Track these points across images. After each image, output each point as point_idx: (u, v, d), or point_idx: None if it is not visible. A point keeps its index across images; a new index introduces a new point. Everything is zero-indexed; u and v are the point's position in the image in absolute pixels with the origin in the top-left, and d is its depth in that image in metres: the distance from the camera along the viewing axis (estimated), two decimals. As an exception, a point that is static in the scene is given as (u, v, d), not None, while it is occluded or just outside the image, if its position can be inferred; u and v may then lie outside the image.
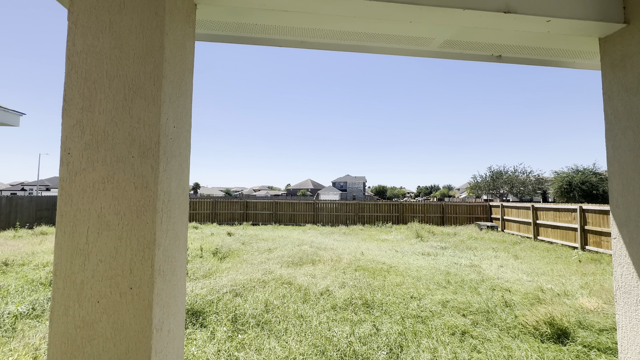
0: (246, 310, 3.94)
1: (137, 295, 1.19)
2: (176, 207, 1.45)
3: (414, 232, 13.58)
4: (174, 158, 1.44)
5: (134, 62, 1.27)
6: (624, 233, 1.89)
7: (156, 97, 1.28)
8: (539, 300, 4.89)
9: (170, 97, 1.41)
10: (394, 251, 9.61)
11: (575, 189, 25.65)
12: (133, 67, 1.27)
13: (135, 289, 1.19)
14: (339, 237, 12.72)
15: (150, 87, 1.28)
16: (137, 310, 1.18)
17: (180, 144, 1.51)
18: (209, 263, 7.60)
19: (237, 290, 4.77)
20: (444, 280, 6.16)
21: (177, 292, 1.45)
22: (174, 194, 1.42)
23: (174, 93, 1.45)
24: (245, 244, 10.61)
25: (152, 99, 1.28)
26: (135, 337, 1.18)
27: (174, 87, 1.46)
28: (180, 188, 1.53)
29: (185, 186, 1.59)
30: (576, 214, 10.75)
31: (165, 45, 1.32)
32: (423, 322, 3.87)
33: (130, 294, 1.18)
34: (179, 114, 1.50)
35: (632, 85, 1.86)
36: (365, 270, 6.92)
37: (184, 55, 1.56)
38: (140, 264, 1.20)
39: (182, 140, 1.54)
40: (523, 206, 14.15)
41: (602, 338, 3.46)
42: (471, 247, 10.50)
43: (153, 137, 1.26)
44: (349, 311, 4.17)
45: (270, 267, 6.88)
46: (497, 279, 6.44)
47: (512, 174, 27.28)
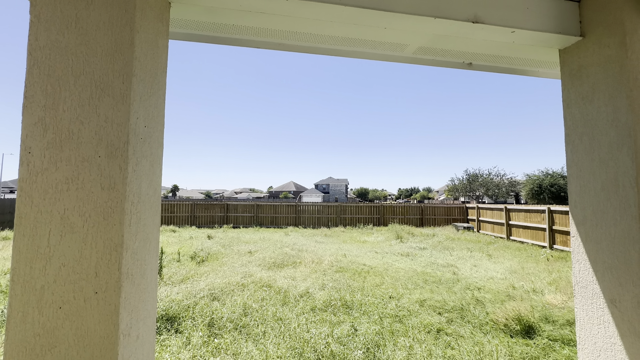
0: (223, 314, 3.87)
1: (102, 300, 1.15)
2: (147, 209, 1.42)
3: (394, 233, 13.83)
4: (145, 158, 1.41)
5: (102, 59, 1.24)
6: (581, 231, 2.02)
7: (125, 96, 1.25)
8: (509, 297, 5.12)
9: (141, 95, 1.38)
10: (374, 252, 9.74)
11: (545, 191, 27.14)
12: (101, 65, 1.24)
13: (101, 293, 1.15)
14: (320, 239, 12.74)
15: (119, 85, 1.25)
16: (102, 315, 1.14)
17: (152, 144, 1.48)
18: (187, 267, 7.39)
19: (215, 294, 4.67)
20: (421, 280, 6.32)
21: (147, 296, 1.41)
22: (144, 195, 1.39)
23: (145, 92, 1.42)
24: (225, 247, 10.41)
25: (121, 98, 1.24)
26: (101, 343, 1.14)
27: (145, 86, 1.42)
28: (152, 189, 1.49)
29: (157, 187, 1.56)
30: (545, 214, 11.34)
31: (135, 43, 1.30)
32: (400, 321, 3.95)
33: (95, 299, 1.14)
34: (151, 114, 1.47)
35: (588, 94, 2.01)
36: (346, 271, 6.97)
37: (157, 53, 1.53)
38: (107, 267, 1.16)
39: (154, 141, 1.50)
40: (497, 207, 14.76)
41: (565, 331, 3.67)
42: (448, 248, 10.82)
43: (122, 137, 1.23)
44: (328, 312, 4.19)
45: (251, 270, 6.79)
46: (471, 278, 6.68)
47: (487, 176, 28.44)
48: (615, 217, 1.82)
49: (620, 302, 1.81)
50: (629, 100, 1.79)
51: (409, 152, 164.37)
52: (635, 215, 1.73)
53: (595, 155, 1.95)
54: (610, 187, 1.86)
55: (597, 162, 1.94)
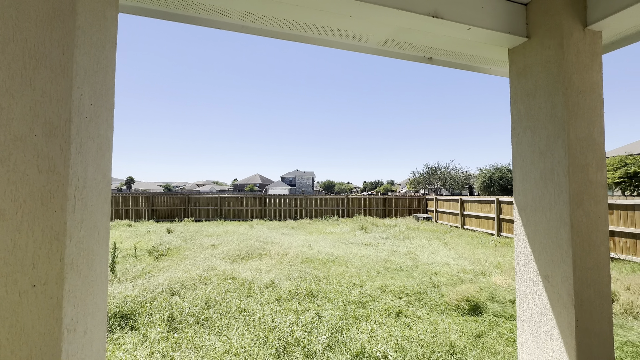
0: (184, 308, 3.72)
1: (42, 293, 1.05)
2: (94, 195, 1.31)
3: (359, 224, 14.22)
4: (91, 139, 1.29)
5: (37, 25, 1.10)
6: (522, 216, 2.23)
7: (66, 69, 1.13)
8: (461, 280, 5.54)
9: (86, 70, 1.25)
10: (339, 243, 9.95)
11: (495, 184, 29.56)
12: (36, 32, 1.10)
13: (40, 286, 1.05)
14: (286, 231, 12.72)
15: (59, 56, 1.12)
16: (42, 310, 1.05)
17: (100, 124, 1.36)
18: (144, 263, 6.98)
19: (174, 289, 4.47)
20: (383, 267, 6.59)
21: (96, 289, 1.31)
22: (90, 180, 1.28)
23: (91, 66, 1.30)
24: (186, 241, 9.98)
25: (61, 71, 1.12)
26: (41, 340, 1.05)
27: (91, 60, 1.30)
28: (100, 174, 1.38)
29: (106, 172, 1.44)
30: (494, 205, 12.37)
31: (77, 11, 1.17)
32: (363, 307, 4.11)
33: (33, 292, 1.04)
34: (98, 91, 1.35)
35: (531, 91, 2.20)
36: (311, 262, 7.05)
37: (104, 25, 1.40)
38: (47, 258, 1.06)
39: (102, 121, 1.38)
40: (452, 199, 15.78)
41: (508, 308, 4.08)
42: (409, 237, 11.39)
43: (62, 114, 1.11)
44: (294, 302, 4.22)
45: (214, 263, 6.59)
46: (429, 264, 7.11)
47: (445, 170, 30.24)
48: (551, 202, 2.04)
49: (552, 278, 2.04)
50: (564, 97, 1.99)
51: (374, 146, 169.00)
52: (566, 200, 1.94)
53: (536, 147, 2.15)
54: (548, 175, 2.06)
55: (537, 153, 2.14)
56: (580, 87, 2.03)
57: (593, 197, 2.01)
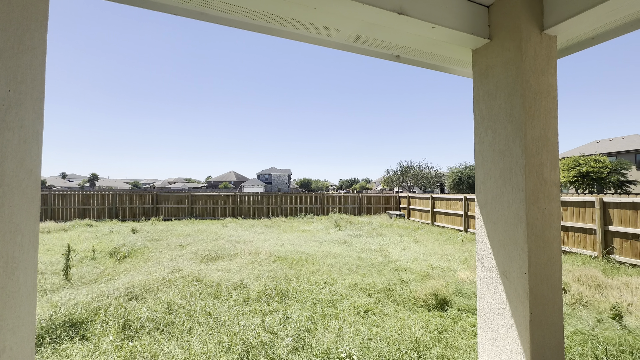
0: (142, 314, 3.49)
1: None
2: (16, 194, 1.15)
3: (333, 222, 14.28)
4: (10, 131, 1.14)
5: None
6: (483, 214, 2.29)
7: (-30, 47, 0.97)
8: (429, 276, 5.70)
9: (1, 50, 1.09)
10: (313, 241, 9.92)
11: (464, 182, 30.90)
12: None
13: None
14: (260, 230, 12.50)
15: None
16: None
17: (23, 114, 1.20)
18: (103, 265, 6.54)
19: (134, 293, 4.19)
20: (355, 265, 6.64)
21: (18, 302, 1.16)
22: (9, 177, 1.12)
23: (9, 46, 1.13)
24: (153, 241, 9.49)
25: (-37, 49, 0.96)
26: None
27: (9, 39, 1.14)
28: (25, 171, 1.21)
29: (33, 169, 1.27)
30: (462, 202, 12.89)
31: (-14, -20, 1.01)
32: (332, 306, 4.09)
33: None
34: (20, 75, 1.19)
35: (492, 92, 2.25)
36: (284, 260, 6.95)
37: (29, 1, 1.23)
38: (-57, 268, 0.90)
39: (27, 110, 1.22)
40: (424, 196, 16.28)
41: (471, 302, 4.23)
42: (381, 234, 11.59)
43: (-36, 100, 0.95)
44: (262, 302, 4.11)
45: (180, 264, 6.31)
46: (400, 260, 7.26)
47: (417, 168, 31.15)
48: (509, 200, 2.09)
49: (509, 274, 2.10)
50: (522, 98, 2.04)
51: (351, 144, 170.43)
52: (522, 198, 2.00)
53: (496, 146, 2.20)
54: (506, 174, 2.12)
55: (497, 152, 2.19)
56: (536, 89, 2.10)
57: (547, 195, 2.09)
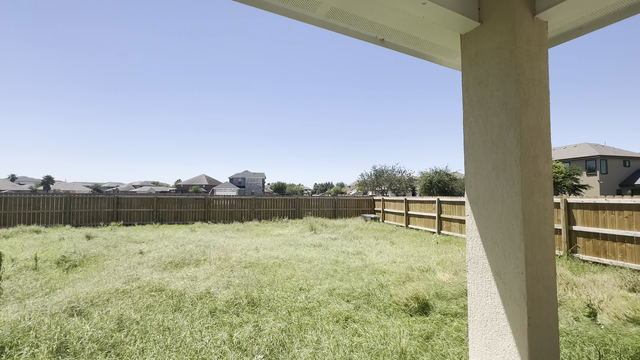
0: (85, 332, 2.97)
1: None
2: None
3: (308, 225, 13.95)
4: None
5: None
6: (474, 210, 2.10)
7: None
8: (408, 278, 5.55)
9: None
10: (287, 245, 9.53)
11: (435, 187, 31.90)
12: None
13: None
14: (231, 234, 11.89)
15: None
16: None
17: None
18: (46, 276, 5.75)
19: (78, 308, 3.61)
20: (332, 269, 6.37)
21: None
22: None
23: None
24: (109, 248, 8.63)
25: None
26: None
27: None
28: None
29: None
30: (435, 204, 13.12)
31: None
32: (309, 314, 3.77)
33: None
34: None
35: (483, 78, 2.08)
36: (256, 266, 6.53)
37: None
38: None
39: None
40: (398, 199, 16.45)
41: (453, 305, 4.10)
42: (357, 237, 11.45)
43: None
44: (230, 313, 3.70)
45: (139, 272, 5.68)
46: (377, 263, 7.10)
47: (391, 172, 31.72)
48: (503, 194, 1.91)
49: (504, 274, 1.91)
50: (516, 84, 1.88)
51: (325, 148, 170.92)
52: (518, 192, 1.83)
53: (488, 137, 2.03)
54: (500, 166, 1.94)
55: (490, 143, 2.01)
56: (530, 76, 1.95)
57: (542, 189, 1.94)
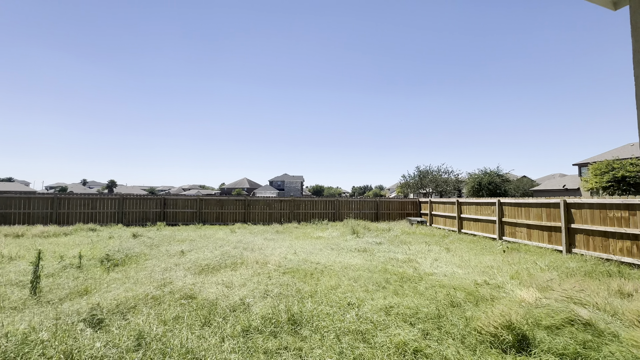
0: (97, 352, 2.49)
1: None
2: None
3: (349, 228, 13.10)
4: None
5: None
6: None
7: None
8: (481, 296, 4.47)
9: None
10: (329, 249, 8.79)
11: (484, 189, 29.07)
12: None
13: None
14: (270, 236, 11.46)
15: None
16: None
17: None
18: (89, 275, 5.63)
19: (98, 317, 3.21)
20: (382, 279, 5.47)
21: None
22: None
23: None
24: (152, 247, 8.60)
25: None
26: None
27: None
28: None
29: None
30: (495, 207, 11.49)
31: None
32: (364, 340, 2.96)
33: None
34: None
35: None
36: (296, 272, 5.86)
37: None
38: None
39: None
40: (449, 201, 14.89)
41: (559, 340, 2.99)
42: (405, 242, 10.34)
43: None
44: (267, 334, 3.02)
45: (174, 275, 5.32)
46: (435, 274, 6.04)
47: (436, 173, 29.53)
48: None
49: None
50: None
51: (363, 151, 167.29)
52: None
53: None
54: None
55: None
56: None
57: None
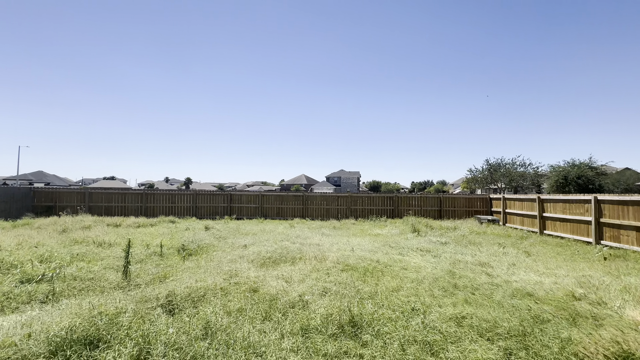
0: (170, 337, 2.68)
1: None
2: None
3: (410, 226, 12.42)
4: None
5: None
6: None
7: None
8: (577, 313, 3.73)
9: None
10: (388, 247, 8.42)
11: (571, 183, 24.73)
12: None
13: None
14: (328, 232, 11.49)
15: None
16: None
17: None
18: (168, 262, 6.30)
19: (174, 303, 3.49)
20: (450, 283, 4.98)
21: None
22: None
23: None
24: (220, 239, 9.31)
25: None
26: None
27: None
28: None
29: None
30: (590, 205, 9.68)
31: None
32: (433, 353, 2.66)
33: None
34: None
35: None
36: (354, 270, 5.70)
37: None
38: None
39: None
40: (527, 198, 13.08)
41: None
42: (474, 243, 9.37)
43: None
44: (327, 336, 2.93)
45: (239, 267, 5.61)
46: (513, 281, 5.29)
47: (510, 166, 26.26)
48: None
49: None
50: None
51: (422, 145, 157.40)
52: None
53: None
54: None
55: None
56: None
57: None
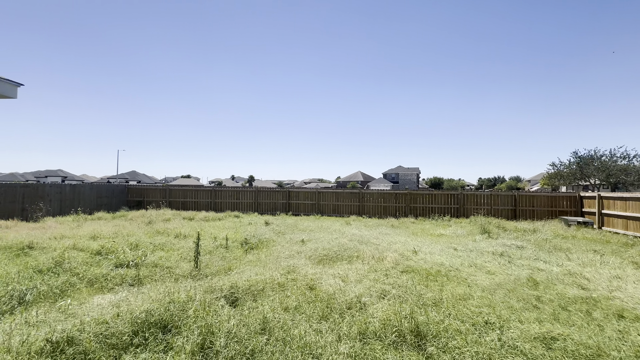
0: (230, 329, 2.77)
1: None
2: None
3: (478, 226, 11.27)
4: None
5: None
6: None
7: None
8: None
9: None
10: (452, 249, 7.73)
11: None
12: None
13: None
14: (385, 231, 11.08)
15: None
16: None
17: None
18: (232, 255, 6.73)
19: (236, 295, 3.65)
20: (532, 296, 4.30)
21: None
22: None
23: None
24: (279, 234, 9.67)
25: None
26: None
27: None
28: None
29: None
30: None
31: None
32: (515, 379, 2.28)
33: None
34: None
35: None
36: (416, 273, 5.33)
37: None
38: None
39: None
40: (634, 197, 10.78)
41: None
42: (561, 248, 8.05)
43: None
44: (387, 344, 2.73)
45: (297, 263, 5.70)
46: (617, 298, 4.35)
47: (607, 159, 22.01)
48: None
49: None
50: None
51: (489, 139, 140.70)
52: None
53: None
54: None
55: None
56: None
57: None
